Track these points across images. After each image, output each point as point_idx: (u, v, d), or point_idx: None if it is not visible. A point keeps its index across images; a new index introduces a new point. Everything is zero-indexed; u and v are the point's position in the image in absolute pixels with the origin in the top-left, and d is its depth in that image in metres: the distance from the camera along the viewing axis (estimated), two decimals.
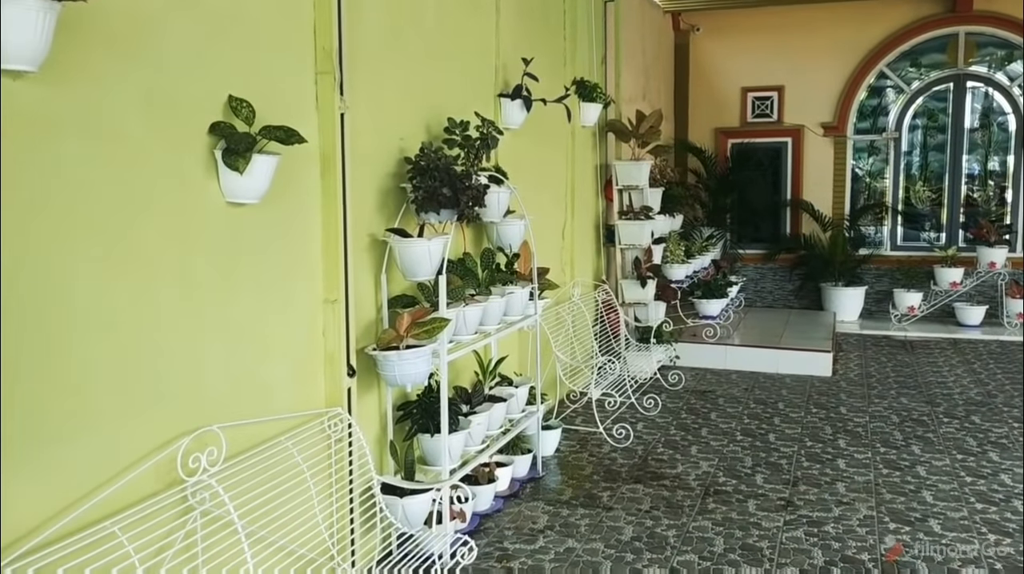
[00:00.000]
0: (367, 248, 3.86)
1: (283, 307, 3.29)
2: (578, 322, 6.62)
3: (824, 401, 6.74)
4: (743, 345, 7.99)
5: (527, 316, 4.93)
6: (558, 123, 6.13)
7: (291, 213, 3.31)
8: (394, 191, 4.02)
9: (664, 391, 7.03)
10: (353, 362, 3.64)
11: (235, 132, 2.86)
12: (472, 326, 4.19)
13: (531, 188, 5.79)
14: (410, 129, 4.21)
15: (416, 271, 3.82)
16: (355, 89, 3.67)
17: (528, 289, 4.84)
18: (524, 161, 5.66)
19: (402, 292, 4.07)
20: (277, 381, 3.27)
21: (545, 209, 6.22)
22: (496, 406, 4.55)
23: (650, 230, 7.40)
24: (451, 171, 3.87)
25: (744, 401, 6.77)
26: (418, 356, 3.69)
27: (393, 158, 4.05)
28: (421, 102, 4.35)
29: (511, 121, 5.24)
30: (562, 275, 6.57)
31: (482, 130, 4.36)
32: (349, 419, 3.55)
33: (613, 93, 7.63)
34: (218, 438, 2.83)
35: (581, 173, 6.95)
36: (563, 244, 6.63)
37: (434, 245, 3.81)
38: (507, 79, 5.28)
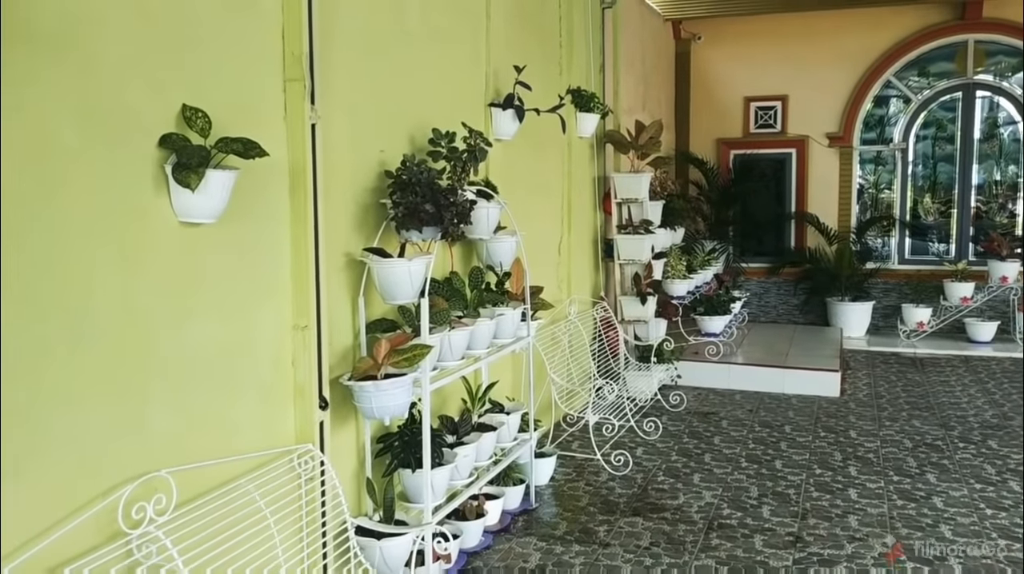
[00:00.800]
0: (343, 269, 3.58)
1: (246, 335, 3.01)
2: (575, 342, 6.33)
3: (833, 424, 6.44)
4: (747, 364, 7.69)
5: (519, 338, 4.64)
6: (554, 134, 5.85)
7: (255, 232, 3.04)
8: (374, 207, 3.75)
9: (665, 413, 6.74)
10: (326, 393, 3.35)
11: (188, 145, 2.59)
12: (458, 351, 3.91)
13: (525, 202, 5.52)
14: (392, 141, 3.94)
15: (396, 294, 3.54)
16: (329, 98, 3.40)
17: (520, 310, 4.55)
18: (517, 174, 5.39)
19: (382, 316, 3.79)
20: (239, 417, 2.99)
21: (540, 224, 5.94)
22: (485, 436, 4.26)
23: (650, 244, 7.12)
24: (434, 186, 3.59)
25: (749, 424, 6.47)
26: (397, 386, 3.40)
27: (373, 172, 3.77)
28: (404, 112, 4.08)
29: (503, 132, 4.97)
30: (558, 292, 6.30)
31: (469, 141, 4.09)
32: (321, 456, 3.26)
33: (611, 103, 7.36)
34: (167, 484, 2.55)
35: (578, 186, 6.68)
36: (559, 260, 6.35)
37: (415, 265, 3.53)
38: (498, 88, 5.01)
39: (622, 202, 7.16)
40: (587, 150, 6.91)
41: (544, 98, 5.36)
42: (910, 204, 10.34)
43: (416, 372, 3.53)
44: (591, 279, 7.13)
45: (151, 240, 2.57)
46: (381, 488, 3.66)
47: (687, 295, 8.00)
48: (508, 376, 5.23)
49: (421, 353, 3.46)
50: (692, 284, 8.06)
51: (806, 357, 7.95)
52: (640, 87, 8.73)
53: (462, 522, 4.15)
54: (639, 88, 8.67)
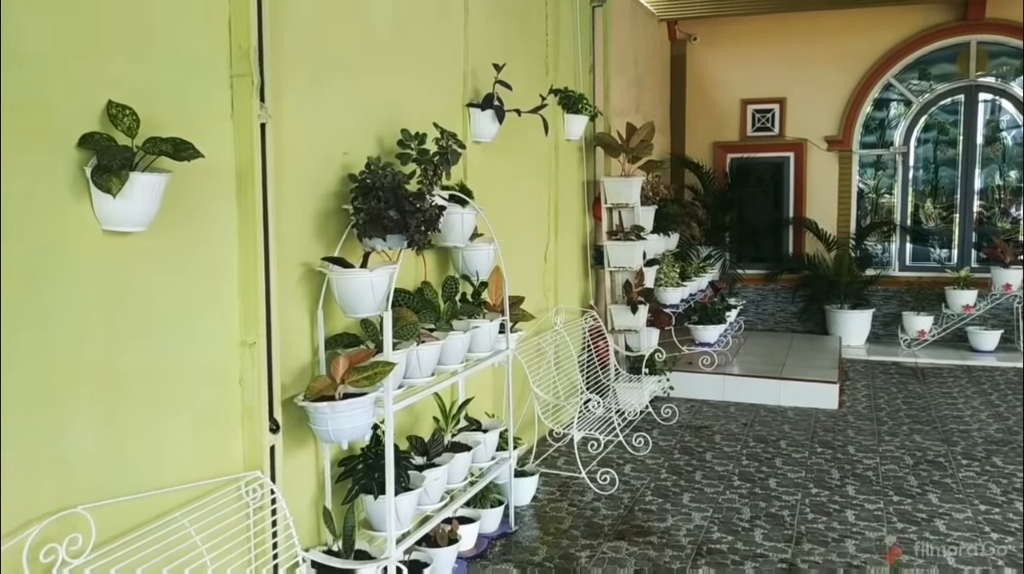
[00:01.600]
0: (300, 280, 3.33)
1: (185, 353, 2.75)
2: (562, 353, 6.08)
3: (830, 439, 6.17)
4: (742, 375, 7.43)
5: (498, 352, 4.39)
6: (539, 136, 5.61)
7: (197, 241, 2.78)
8: (336, 213, 3.50)
9: (656, 427, 6.47)
10: (278, 415, 3.10)
11: (110, 145, 2.33)
12: (428, 367, 3.66)
13: (507, 208, 5.27)
14: (357, 142, 3.69)
15: (357, 306, 3.29)
16: (284, 95, 3.15)
17: (498, 321, 4.30)
18: (498, 178, 5.13)
19: (344, 330, 3.53)
20: (176, 443, 2.73)
21: (524, 230, 5.69)
22: (459, 456, 4.00)
23: (641, 251, 6.86)
24: (399, 190, 3.34)
25: (743, 439, 6.20)
26: (356, 407, 3.15)
27: (335, 175, 3.52)
28: (372, 112, 3.83)
29: (482, 134, 4.72)
30: (544, 301, 6.04)
31: (441, 143, 3.84)
32: (271, 484, 3.00)
33: (602, 104, 7.11)
34: (85, 521, 2.29)
35: (566, 190, 6.43)
36: (545, 267, 6.10)
37: (378, 276, 3.28)
38: (477, 87, 4.76)
39: (612, 207, 6.90)
40: (576, 153, 6.66)
41: (529, 99, 5.11)
42: (911, 209, 10.07)
43: (378, 391, 3.28)
44: (580, 287, 6.87)
45: (71, 250, 2.32)
46: (340, 516, 3.40)
47: (681, 303, 7.74)
48: (488, 391, 4.98)
49: (383, 371, 3.21)
50: (686, 292, 7.81)
51: (803, 368, 7.69)
52: (633, 89, 8.48)
53: (433, 549, 3.88)
54: (632, 90, 8.41)
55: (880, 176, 10.21)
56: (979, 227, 9.83)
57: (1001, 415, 6.77)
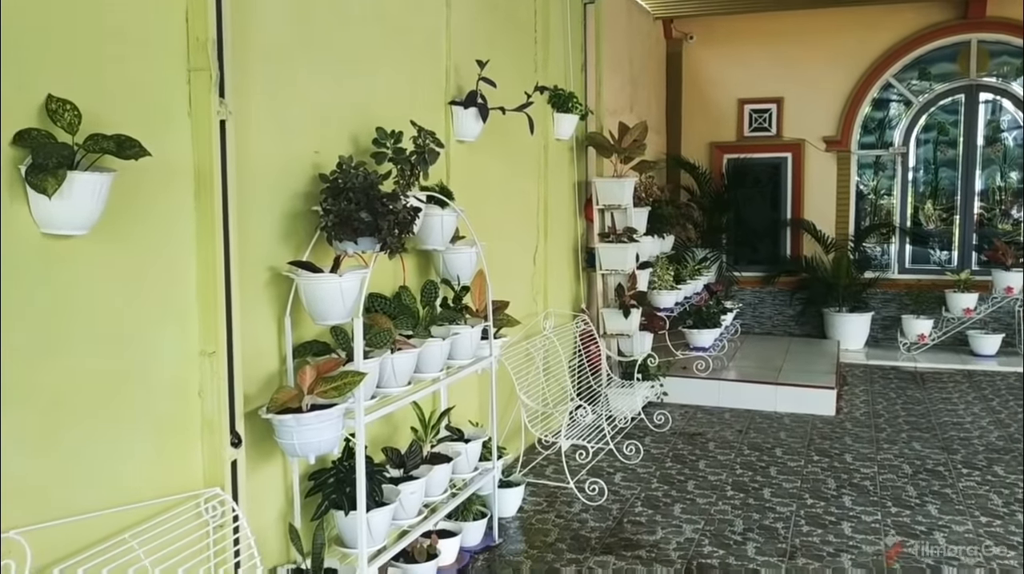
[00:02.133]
0: (267, 285, 3.17)
1: (138, 364, 2.59)
2: (551, 358, 5.92)
3: (827, 447, 6.01)
4: (738, 380, 7.27)
5: (481, 358, 4.23)
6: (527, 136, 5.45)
7: (150, 245, 2.62)
8: (305, 215, 3.33)
9: (648, 434, 6.31)
10: (241, 428, 2.93)
11: (48, 143, 2.17)
12: (403, 376, 3.50)
13: (493, 209, 5.11)
14: (330, 141, 3.53)
15: (326, 313, 3.13)
16: (247, 90, 2.99)
17: (481, 327, 4.13)
18: (484, 179, 4.97)
19: (314, 338, 3.37)
20: (130, 460, 2.57)
21: (512, 232, 5.53)
22: (438, 468, 3.84)
23: (634, 253, 6.70)
24: (371, 191, 3.18)
25: (737, 446, 6.04)
26: (323, 420, 2.98)
27: (305, 175, 3.36)
28: (346, 109, 3.67)
29: (465, 132, 4.56)
30: (533, 305, 5.88)
31: (419, 142, 3.68)
32: (232, 502, 2.84)
33: (594, 103, 6.94)
34: (20, 547, 2.13)
35: (556, 191, 6.26)
36: (535, 270, 5.93)
37: (348, 281, 3.11)
38: (460, 84, 4.60)
39: (604, 208, 6.74)
40: (566, 153, 6.50)
41: (516, 97, 4.94)
42: (910, 211, 9.90)
43: (348, 402, 3.12)
44: (571, 290, 6.71)
45: (5, 254, 2.15)
46: (309, 533, 3.24)
47: (675, 307, 7.58)
48: (472, 399, 4.81)
49: (352, 381, 3.05)
50: (680, 295, 7.65)
51: (801, 373, 7.52)
52: (627, 88, 8.31)
53: (411, 565, 3.72)
54: (626, 89, 8.25)
55: (879, 177, 10.04)
56: (980, 229, 9.66)
57: (1002, 422, 6.61)
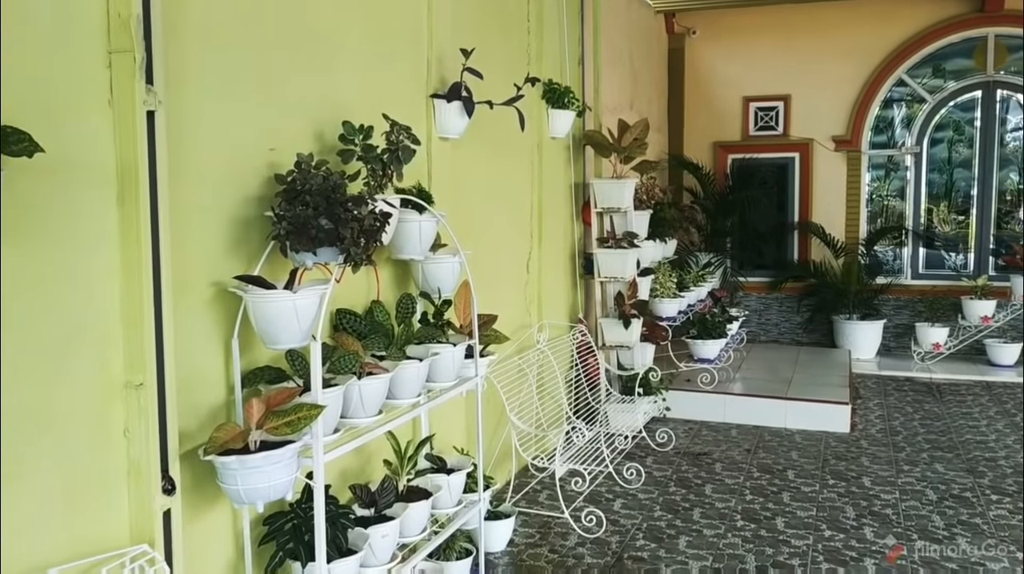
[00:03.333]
0: (211, 303, 2.74)
1: (46, 398, 2.17)
2: (545, 374, 5.50)
3: (843, 469, 5.58)
4: (745, 394, 6.83)
5: (466, 379, 3.80)
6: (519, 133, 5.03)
7: (59, 256, 2.19)
8: (259, 222, 2.91)
9: (650, 454, 5.88)
10: (176, 472, 2.51)
11: None
12: (374, 404, 3.08)
13: (481, 213, 4.70)
14: (289, 136, 3.10)
15: (277, 335, 2.70)
16: (185, 76, 2.57)
17: (464, 345, 3.71)
18: (470, 180, 4.56)
19: (269, 362, 2.94)
20: (36, 516, 2.14)
21: (503, 238, 5.11)
22: (415, 506, 3.41)
23: (634, 259, 6.27)
24: (333, 194, 2.75)
25: (746, 468, 5.61)
26: (273, 461, 2.56)
27: (259, 176, 2.94)
28: (310, 101, 3.24)
29: (449, 129, 4.13)
30: (526, 316, 5.46)
31: (392, 138, 3.25)
32: (162, 561, 2.41)
33: (591, 100, 6.52)
34: None
35: (551, 193, 5.84)
36: (528, 278, 5.51)
37: (304, 299, 2.69)
38: (444, 76, 4.18)
39: (603, 211, 6.32)
40: (562, 152, 6.07)
41: (507, 92, 4.50)
42: (924, 213, 9.46)
43: (305, 438, 2.70)
44: (568, 299, 6.28)
45: None
46: None
47: (678, 315, 7.16)
48: (459, 423, 4.39)
49: (308, 415, 2.62)
50: (684, 303, 7.22)
51: (812, 386, 7.09)
52: (627, 84, 7.89)
53: None
54: (626, 86, 7.83)
55: (891, 178, 9.60)
56: (997, 232, 9.22)
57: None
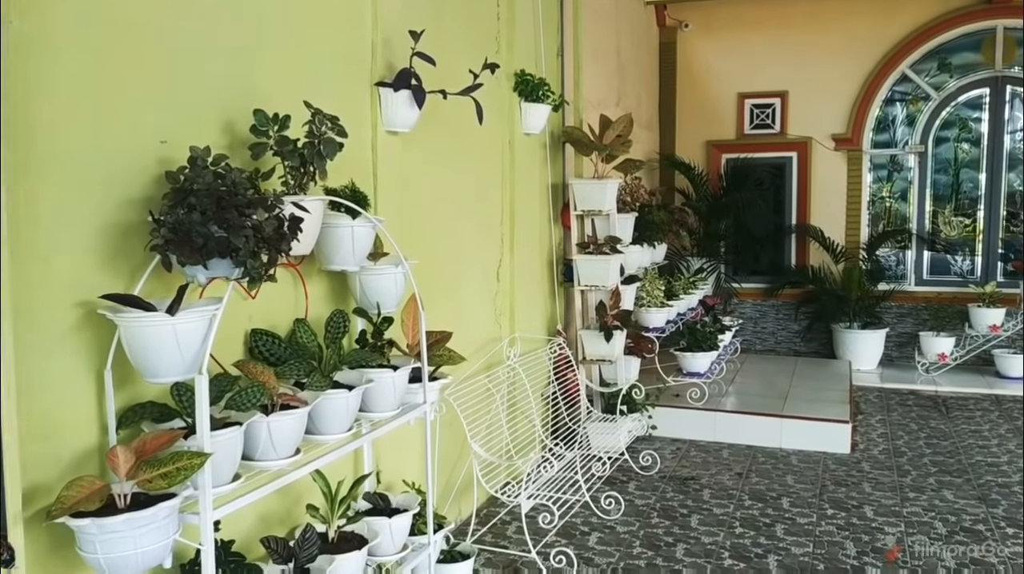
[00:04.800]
0: (77, 328, 2.26)
1: None
2: (518, 392, 5.02)
3: (843, 496, 5.09)
4: (737, 411, 6.35)
5: (413, 406, 3.32)
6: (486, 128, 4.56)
7: None
8: (144, 229, 2.42)
9: (632, 478, 5.40)
10: (19, 537, 2.03)
11: None
12: (287, 443, 2.61)
13: (441, 216, 4.23)
14: (188, 126, 2.62)
15: (155, 367, 2.23)
16: (32, 42, 2.09)
17: (408, 369, 3.23)
18: (424, 179, 4.08)
19: (156, 397, 2.46)
20: None
21: (468, 244, 4.64)
22: (344, 559, 2.92)
23: (617, 266, 5.79)
24: (228, 195, 2.28)
25: (737, 495, 5.13)
26: (139, 524, 2.08)
27: (145, 173, 2.46)
28: (221, 85, 2.76)
29: (397, 121, 3.65)
30: (496, 329, 4.98)
31: (313, 128, 2.78)
32: None
33: (572, 94, 6.04)
34: None
35: (525, 195, 5.36)
36: (498, 288, 5.03)
37: (186, 323, 2.21)
38: (392, 62, 3.70)
39: (583, 214, 5.84)
40: (538, 150, 5.59)
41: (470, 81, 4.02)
42: (929, 216, 8.97)
43: (188, 491, 2.22)
44: (545, 310, 5.80)
45: None
46: None
47: (667, 325, 6.67)
48: (413, 455, 3.90)
49: (189, 466, 2.14)
50: (672, 312, 6.74)
51: (809, 402, 6.60)
52: (613, 79, 7.41)
53: None
54: (612, 80, 7.35)
55: (894, 179, 9.11)
56: (1006, 236, 8.73)
57: None
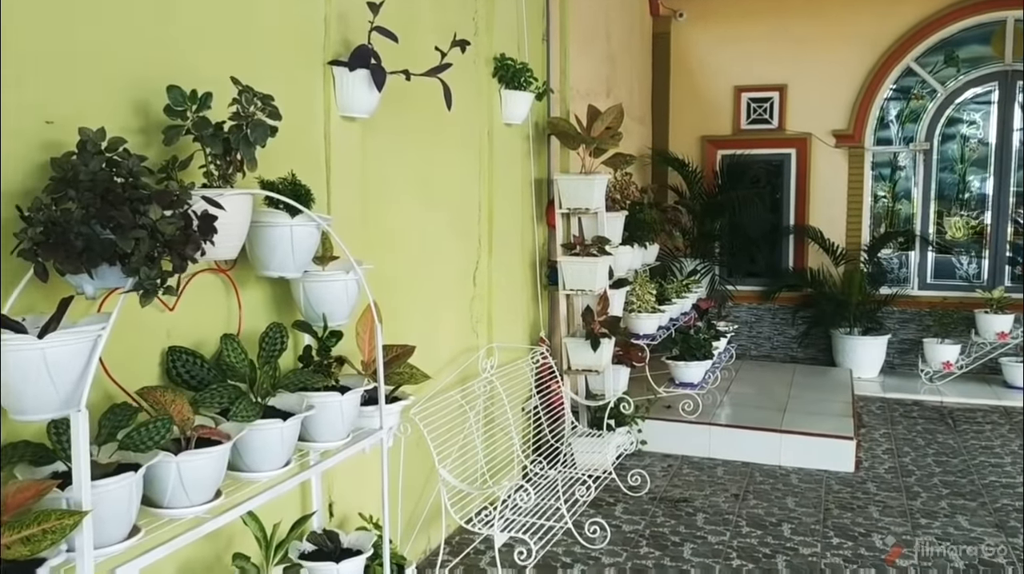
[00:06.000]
0: None
1: None
2: (496, 408, 4.59)
3: (848, 523, 4.68)
4: (733, 425, 5.92)
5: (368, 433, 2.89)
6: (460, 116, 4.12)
7: None
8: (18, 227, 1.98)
9: (620, 500, 4.98)
10: None
11: None
12: (205, 486, 2.19)
13: (408, 213, 3.79)
14: (88, 104, 2.17)
15: (21, 402, 1.79)
16: None
17: (359, 391, 2.80)
18: (391, 171, 3.64)
19: (31, 436, 2.02)
20: None
21: (440, 244, 4.20)
22: None
23: (606, 269, 5.37)
24: (122, 188, 1.84)
25: (733, 520, 4.71)
26: None
27: (28, 161, 2.01)
28: (128, 55, 2.31)
29: (353, 105, 3.21)
30: (472, 338, 4.55)
31: (241, 109, 2.33)
32: None
33: (558, 83, 5.61)
34: None
35: (506, 190, 4.93)
36: (474, 293, 4.60)
37: (59, 347, 1.77)
38: (348, 38, 3.26)
39: (569, 212, 5.41)
40: (520, 142, 5.15)
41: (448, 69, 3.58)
42: (934, 217, 8.55)
43: (59, 558, 1.78)
44: (527, 316, 5.36)
45: None
46: None
47: (659, 332, 6.25)
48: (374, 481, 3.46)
49: (60, 527, 1.71)
50: (665, 317, 6.32)
51: (810, 415, 6.18)
52: (604, 69, 6.98)
53: None
54: (602, 70, 6.92)
55: (898, 178, 8.69)
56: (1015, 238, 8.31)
57: None
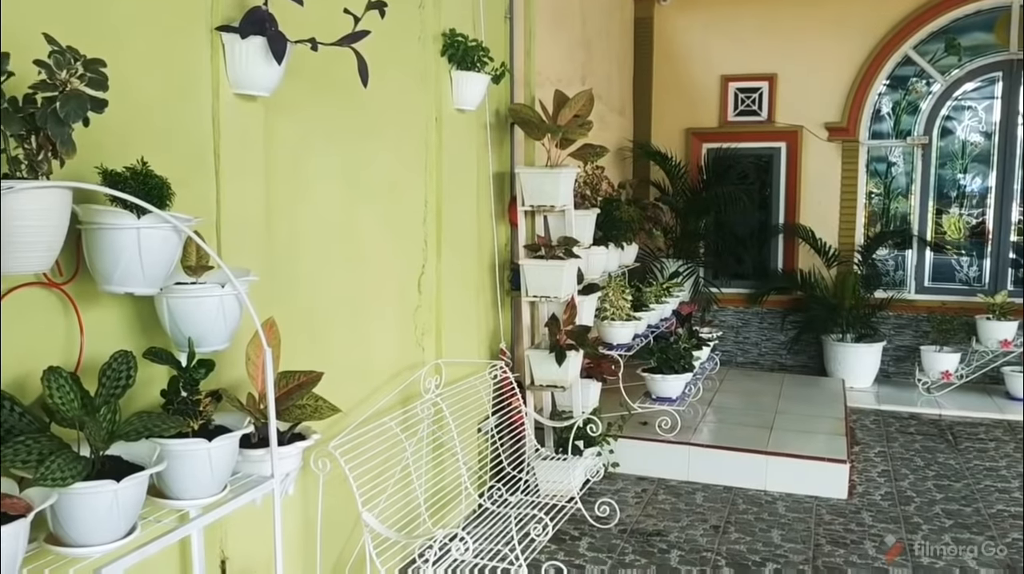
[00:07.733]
0: None
1: None
2: (444, 433, 4.04)
3: (841, 561, 4.15)
4: (715, 446, 5.38)
5: (257, 482, 2.34)
6: (400, 97, 3.56)
7: None
8: None
9: (586, 533, 4.44)
10: None
11: None
12: None
13: (330, 212, 3.24)
14: None
15: None
16: None
17: (239, 434, 2.25)
18: (304, 162, 3.09)
19: None
20: None
21: (377, 247, 3.65)
22: None
23: (573, 273, 4.82)
24: None
25: (711, 558, 4.17)
26: None
27: None
28: None
29: (251, 81, 2.64)
30: (417, 353, 4.00)
31: (50, 76, 1.78)
32: None
33: (522, 67, 5.05)
34: None
35: (459, 185, 4.37)
36: (419, 302, 4.04)
37: None
38: (242, 0, 2.69)
39: (533, 210, 4.86)
40: (477, 131, 4.60)
41: (383, 43, 3.02)
42: (932, 216, 8.04)
43: None
44: (486, 326, 4.82)
45: None
46: None
47: (635, 341, 5.71)
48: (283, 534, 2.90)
49: None
50: (641, 325, 5.78)
51: (799, 434, 5.64)
52: (578, 54, 6.43)
53: None
54: (576, 54, 6.36)
55: (894, 174, 8.18)
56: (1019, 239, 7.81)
57: None
